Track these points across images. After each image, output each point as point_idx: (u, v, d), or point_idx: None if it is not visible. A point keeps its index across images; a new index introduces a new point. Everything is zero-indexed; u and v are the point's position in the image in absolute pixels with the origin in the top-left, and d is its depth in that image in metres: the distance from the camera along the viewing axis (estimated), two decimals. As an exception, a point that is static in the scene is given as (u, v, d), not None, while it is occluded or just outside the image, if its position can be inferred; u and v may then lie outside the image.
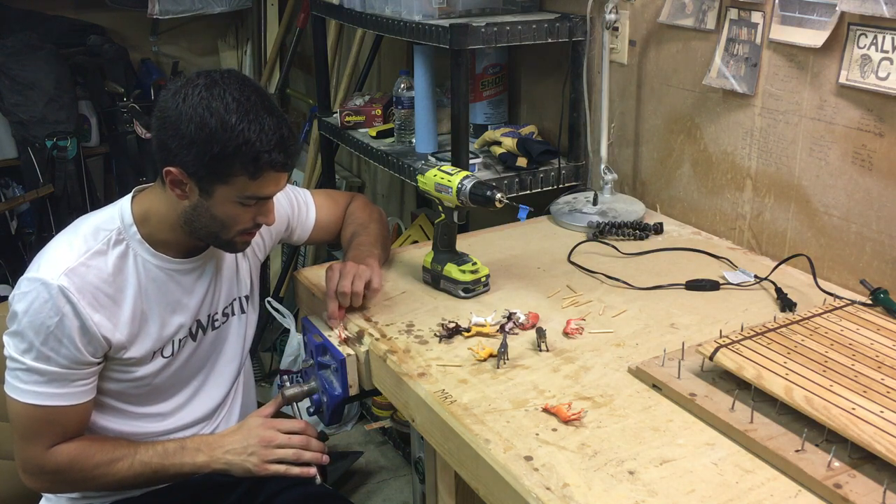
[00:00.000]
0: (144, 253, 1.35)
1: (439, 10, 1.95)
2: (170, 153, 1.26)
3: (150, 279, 1.36)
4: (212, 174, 1.26)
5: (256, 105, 1.25)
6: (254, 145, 1.23)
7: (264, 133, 1.23)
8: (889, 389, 1.03)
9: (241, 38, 4.10)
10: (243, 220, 1.32)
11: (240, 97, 1.24)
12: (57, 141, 3.29)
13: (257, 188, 1.28)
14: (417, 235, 2.69)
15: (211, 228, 1.32)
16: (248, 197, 1.29)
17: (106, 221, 1.35)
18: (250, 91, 1.27)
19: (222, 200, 1.29)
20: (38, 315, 1.26)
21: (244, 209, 1.31)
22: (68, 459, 1.32)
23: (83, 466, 1.33)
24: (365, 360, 1.33)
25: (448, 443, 1.12)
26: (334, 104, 2.98)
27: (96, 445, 1.35)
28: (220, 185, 1.27)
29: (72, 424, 1.33)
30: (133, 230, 1.35)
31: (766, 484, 0.96)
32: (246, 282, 1.54)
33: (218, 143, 1.22)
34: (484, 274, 1.47)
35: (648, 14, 1.82)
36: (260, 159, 1.24)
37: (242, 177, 1.25)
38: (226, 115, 1.22)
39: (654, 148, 1.89)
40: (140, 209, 1.36)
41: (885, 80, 1.34)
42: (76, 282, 1.27)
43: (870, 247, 1.45)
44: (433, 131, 2.14)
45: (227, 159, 1.23)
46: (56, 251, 1.31)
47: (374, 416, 2.79)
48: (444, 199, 1.45)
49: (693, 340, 1.24)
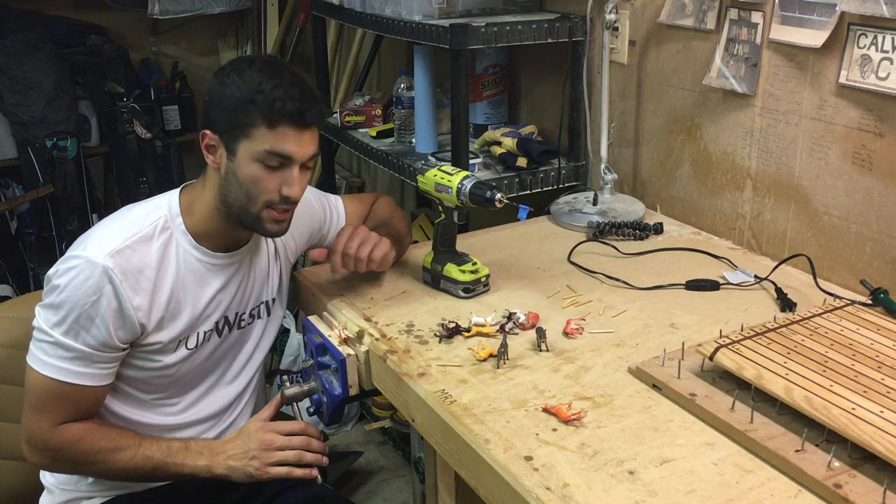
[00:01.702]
0: (186, 244, 1.38)
1: (439, 10, 1.95)
2: (205, 118, 1.34)
3: (189, 270, 1.38)
4: (234, 127, 1.30)
5: (280, 67, 1.32)
6: (270, 93, 1.27)
7: (282, 86, 1.28)
8: (889, 389, 1.03)
9: (241, 38, 4.10)
10: (267, 189, 1.32)
11: (265, 61, 1.32)
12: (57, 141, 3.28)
13: (275, 141, 1.29)
14: (417, 235, 2.69)
15: (239, 201, 1.33)
16: (268, 152, 1.29)
17: (154, 209, 1.38)
18: (278, 61, 1.36)
19: (245, 159, 1.30)
20: (78, 291, 1.27)
21: (267, 172, 1.31)
22: (74, 439, 1.33)
23: (86, 449, 1.33)
24: (365, 360, 1.33)
25: (448, 443, 1.12)
26: (334, 104, 2.98)
27: (103, 431, 1.35)
28: (243, 139, 1.30)
29: (85, 405, 1.33)
30: (178, 220, 1.37)
31: (766, 484, 0.96)
32: (275, 285, 1.55)
33: (239, 91, 1.28)
34: (484, 274, 1.47)
35: (648, 14, 1.82)
36: (274, 105, 1.27)
37: (261, 127, 1.28)
38: (249, 72, 1.30)
39: (654, 148, 1.89)
40: (186, 200, 1.39)
41: (885, 80, 1.34)
42: (121, 263, 1.29)
43: (870, 247, 1.45)
44: (433, 131, 2.14)
45: (246, 107, 1.28)
46: (104, 232, 1.33)
47: (374, 416, 2.79)
48: (444, 199, 1.45)
49: (693, 340, 1.24)
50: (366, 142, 2.29)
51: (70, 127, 3.35)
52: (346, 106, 2.44)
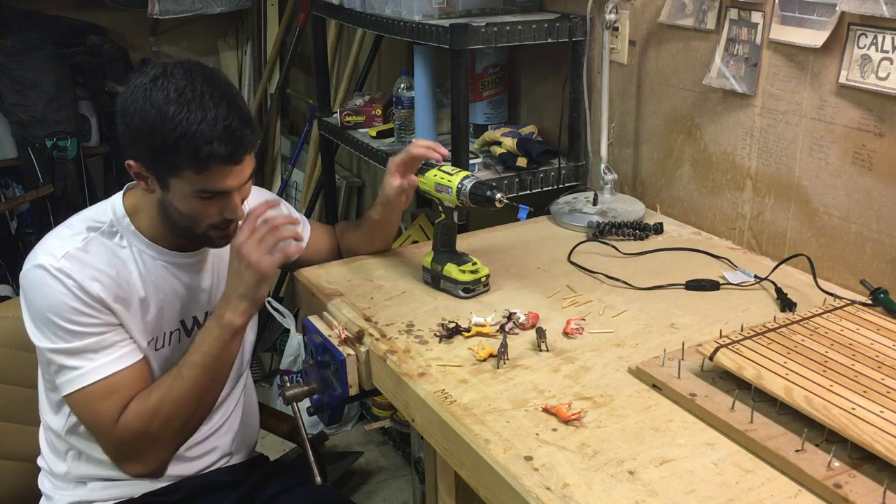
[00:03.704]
0: (140, 244, 1.35)
1: (439, 10, 1.95)
2: (125, 146, 1.26)
3: (148, 270, 1.36)
4: (161, 167, 1.25)
5: (201, 94, 1.21)
6: (193, 137, 1.19)
7: (206, 123, 1.20)
8: (889, 389, 1.03)
9: (241, 38, 4.10)
10: (209, 215, 1.30)
11: (183, 87, 1.21)
12: (57, 141, 3.29)
13: (206, 182, 1.25)
14: (417, 235, 2.69)
15: (182, 223, 1.31)
16: (202, 191, 1.26)
17: (99, 214, 1.36)
18: (198, 80, 1.23)
19: (180, 195, 1.27)
20: (49, 298, 1.26)
21: (205, 203, 1.28)
22: (132, 417, 1.30)
23: (150, 413, 1.30)
24: (365, 360, 1.33)
25: (448, 443, 1.12)
26: (334, 104, 2.98)
27: (146, 391, 1.32)
28: (173, 178, 1.25)
29: (134, 390, 1.31)
30: (126, 221, 1.35)
31: (766, 484, 0.96)
32: None
33: (159, 135, 1.20)
34: (484, 274, 1.47)
35: (648, 14, 1.82)
36: (200, 152, 1.20)
37: (189, 170, 1.23)
38: (165, 107, 1.20)
39: (654, 148, 1.89)
40: (131, 202, 1.37)
41: (885, 80, 1.34)
42: (76, 265, 1.28)
43: (870, 247, 1.45)
44: (433, 131, 2.14)
45: (170, 152, 1.21)
46: (52, 242, 1.31)
47: (374, 416, 2.79)
48: (444, 199, 1.45)
49: (693, 340, 1.24)
50: (366, 142, 2.29)
51: (70, 127, 3.35)
52: (346, 106, 2.43)
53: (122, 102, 1.25)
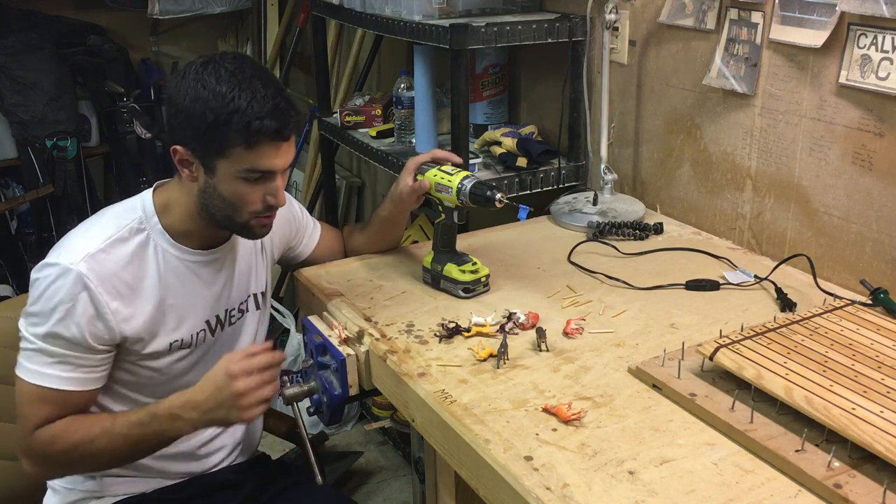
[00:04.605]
0: (165, 243, 1.35)
1: (439, 10, 1.95)
2: (174, 131, 1.28)
3: (170, 270, 1.36)
4: (210, 148, 1.26)
5: (250, 76, 1.26)
6: (245, 112, 1.23)
7: (256, 101, 1.23)
8: (889, 389, 1.03)
9: (241, 38, 4.10)
10: (252, 201, 1.30)
11: (233, 69, 1.26)
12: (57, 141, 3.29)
13: (255, 159, 1.26)
14: (417, 235, 2.69)
15: (224, 211, 1.32)
16: (249, 170, 1.27)
17: (128, 211, 1.36)
18: (246, 64, 1.28)
19: (226, 177, 1.28)
20: (54, 298, 1.26)
21: (249, 187, 1.29)
22: (50, 439, 1.29)
23: (65, 447, 1.29)
24: (365, 360, 1.33)
25: (448, 443, 1.12)
26: (334, 104, 2.98)
27: (76, 423, 1.30)
28: (220, 159, 1.26)
29: (70, 410, 1.30)
30: (154, 220, 1.35)
31: (766, 484, 0.96)
32: (262, 278, 1.54)
33: (211, 112, 1.23)
34: (484, 274, 1.47)
35: (648, 14, 1.82)
36: (251, 126, 1.23)
37: (238, 147, 1.25)
38: (217, 86, 1.24)
39: (654, 148, 1.89)
40: (161, 199, 1.37)
41: (885, 80, 1.34)
42: (95, 268, 1.27)
43: (870, 247, 1.45)
44: (433, 131, 2.14)
45: (221, 129, 1.24)
46: (77, 237, 1.32)
47: (374, 416, 2.79)
48: (444, 199, 1.45)
49: (693, 340, 1.24)
50: (366, 142, 2.29)
51: (70, 127, 3.35)
52: (346, 106, 2.43)
53: (170, 90, 1.30)
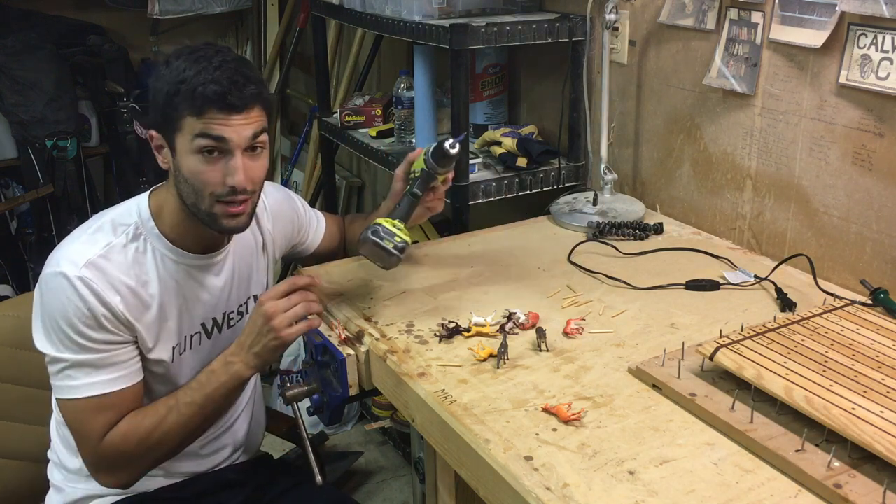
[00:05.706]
0: (162, 248, 1.35)
1: (439, 10, 1.95)
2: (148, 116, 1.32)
3: (169, 274, 1.36)
4: (168, 123, 1.27)
5: (210, 53, 1.27)
6: (191, 81, 1.24)
7: (206, 71, 1.24)
8: (889, 389, 1.03)
9: (241, 38, 4.10)
10: (210, 180, 1.27)
11: (195, 49, 1.28)
12: (57, 141, 3.28)
13: (202, 126, 1.25)
14: (417, 235, 2.69)
15: (190, 198, 1.30)
16: (199, 136, 1.25)
17: (123, 216, 1.35)
18: (217, 48, 1.29)
19: (184, 153, 1.27)
20: (65, 309, 1.25)
21: (206, 164, 1.26)
22: (121, 437, 1.30)
23: (138, 438, 1.30)
24: (365, 360, 1.33)
25: (448, 443, 1.12)
26: (334, 104, 2.98)
27: (140, 414, 1.32)
28: (178, 133, 1.27)
29: (125, 409, 1.31)
30: (151, 224, 1.35)
31: (766, 484, 0.96)
32: (262, 280, 1.54)
33: (165, 85, 1.26)
34: (406, 237, 1.38)
35: (648, 14, 1.82)
36: (196, 91, 1.23)
37: (189, 117, 1.25)
38: (176, 62, 1.27)
39: (654, 148, 1.89)
40: (156, 203, 1.36)
41: (885, 80, 1.34)
42: (97, 273, 1.27)
43: (870, 247, 1.45)
44: (433, 131, 2.14)
45: (173, 100, 1.25)
46: (74, 245, 1.31)
47: (374, 416, 2.79)
48: (418, 168, 1.45)
49: (693, 340, 1.24)
50: (366, 142, 2.29)
51: (70, 127, 3.35)
52: (346, 106, 2.44)
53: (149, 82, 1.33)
